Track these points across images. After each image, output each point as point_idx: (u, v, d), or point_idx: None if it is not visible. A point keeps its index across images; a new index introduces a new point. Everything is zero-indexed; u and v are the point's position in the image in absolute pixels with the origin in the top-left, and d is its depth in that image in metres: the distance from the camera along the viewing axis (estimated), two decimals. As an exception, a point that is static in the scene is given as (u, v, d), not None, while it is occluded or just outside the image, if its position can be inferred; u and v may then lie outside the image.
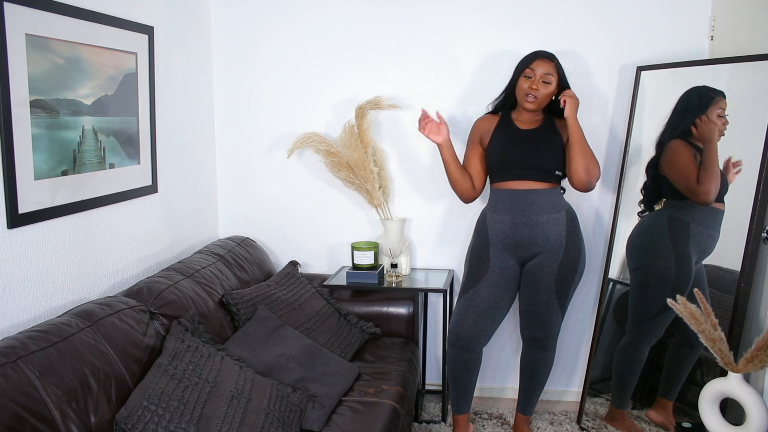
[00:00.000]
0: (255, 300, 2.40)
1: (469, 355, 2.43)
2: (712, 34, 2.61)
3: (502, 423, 2.76)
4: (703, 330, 1.91)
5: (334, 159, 2.79)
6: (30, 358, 1.50)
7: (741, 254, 2.17)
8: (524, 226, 2.35)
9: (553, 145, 2.37)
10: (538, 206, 2.34)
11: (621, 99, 2.73)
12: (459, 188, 2.50)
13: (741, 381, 1.90)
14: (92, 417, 1.58)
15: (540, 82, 2.33)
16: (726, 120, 2.30)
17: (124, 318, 1.85)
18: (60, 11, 1.84)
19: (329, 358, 2.29)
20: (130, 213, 2.30)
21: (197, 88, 2.82)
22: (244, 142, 3.00)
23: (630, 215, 2.61)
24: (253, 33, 2.91)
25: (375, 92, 2.82)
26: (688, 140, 2.37)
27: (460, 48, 2.79)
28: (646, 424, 2.55)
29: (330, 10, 2.85)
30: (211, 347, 1.97)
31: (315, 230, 3.02)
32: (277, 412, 1.84)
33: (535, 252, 2.38)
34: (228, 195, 3.05)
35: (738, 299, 2.17)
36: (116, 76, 2.16)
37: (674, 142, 2.42)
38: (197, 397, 1.74)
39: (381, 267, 2.78)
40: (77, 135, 1.97)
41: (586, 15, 2.70)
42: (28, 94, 1.73)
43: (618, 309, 2.66)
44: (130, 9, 2.23)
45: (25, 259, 1.78)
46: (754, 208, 2.16)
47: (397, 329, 2.72)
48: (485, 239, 2.43)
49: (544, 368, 2.51)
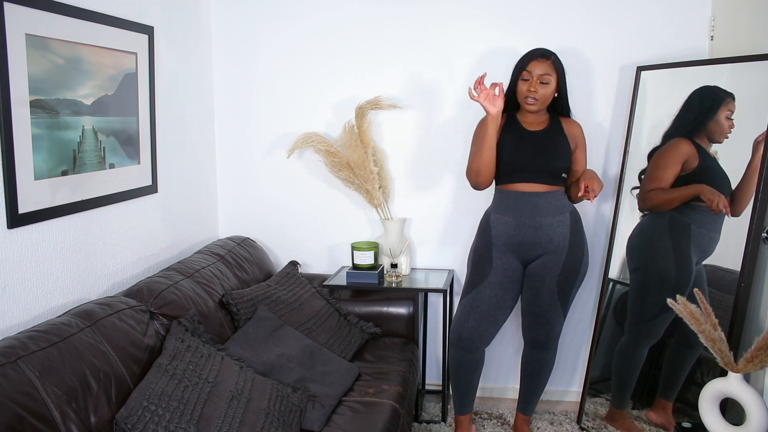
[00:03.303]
0: (255, 300, 2.40)
1: (471, 356, 2.43)
2: (712, 34, 2.61)
3: (502, 423, 2.76)
4: (703, 330, 1.91)
5: (334, 159, 2.79)
6: (30, 358, 1.50)
7: (741, 254, 2.17)
8: (528, 228, 2.34)
9: (560, 148, 2.36)
10: (543, 209, 2.33)
11: (621, 99, 2.73)
12: (485, 171, 2.33)
13: (741, 381, 1.90)
14: (92, 417, 1.58)
15: (538, 83, 2.31)
16: (732, 123, 2.30)
17: (124, 318, 1.85)
18: (60, 11, 1.84)
19: (329, 358, 2.29)
20: (130, 213, 2.30)
21: (197, 88, 2.82)
22: (244, 142, 3.00)
23: (630, 215, 2.61)
24: (253, 33, 2.91)
25: (375, 92, 2.82)
26: (693, 140, 2.36)
27: (460, 48, 2.79)
28: (646, 424, 2.55)
29: (330, 10, 2.85)
30: (211, 347, 1.97)
31: (315, 230, 3.01)
32: (277, 412, 1.84)
33: (538, 253, 2.38)
34: (228, 195, 3.05)
35: (738, 299, 2.17)
36: (116, 76, 2.16)
37: (675, 140, 2.42)
38: (197, 397, 1.74)
39: (381, 267, 2.78)
40: (77, 135, 1.97)
41: (586, 15, 2.70)
42: (28, 94, 1.73)
43: (618, 309, 2.66)
44: (129, 9, 2.23)
45: (25, 259, 1.78)
46: (754, 208, 2.16)
47: (397, 329, 2.72)
48: (488, 240, 2.42)
49: (545, 369, 2.51)
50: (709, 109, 2.35)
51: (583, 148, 2.44)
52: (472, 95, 2.24)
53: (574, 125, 2.43)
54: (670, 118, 2.47)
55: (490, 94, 2.25)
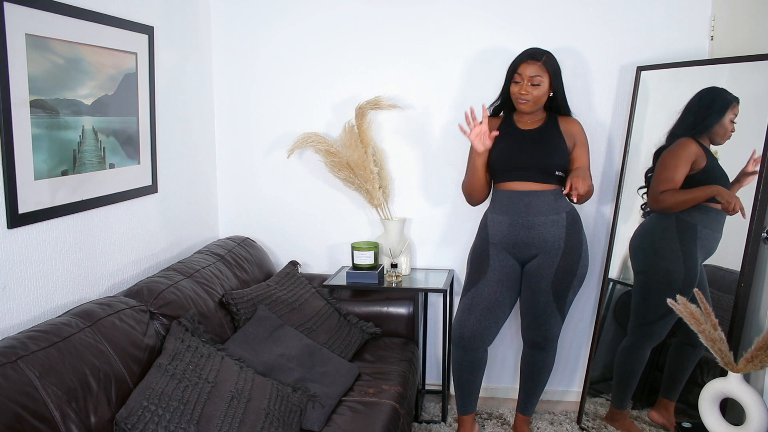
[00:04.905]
0: (255, 300, 2.40)
1: (473, 355, 2.43)
2: (712, 34, 2.61)
3: (503, 423, 2.76)
4: (703, 330, 1.91)
5: (334, 159, 2.79)
6: (30, 358, 1.50)
7: (741, 254, 2.17)
8: (521, 228, 2.34)
9: (554, 145, 2.36)
10: (536, 208, 2.33)
11: (621, 99, 2.73)
12: (477, 196, 2.45)
13: (741, 381, 1.90)
14: (92, 417, 1.58)
15: (528, 85, 2.31)
16: (734, 127, 2.30)
17: (124, 318, 1.85)
18: (60, 11, 1.84)
19: (329, 358, 2.29)
20: (130, 213, 2.30)
21: (197, 88, 2.82)
22: (244, 142, 3.00)
23: (630, 215, 2.61)
24: (253, 33, 2.91)
25: (375, 92, 2.82)
26: (699, 141, 2.36)
27: (460, 47, 2.79)
28: (646, 424, 2.55)
29: (330, 10, 2.85)
30: (211, 347, 1.97)
31: (315, 230, 3.01)
32: (277, 412, 1.84)
33: (533, 253, 2.37)
34: (228, 195, 3.05)
35: (738, 299, 2.17)
36: (116, 76, 2.16)
37: (683, 140, 2.40)
38: (197, 397, 1.74)
39: (381, 267, 2.78)
40: (77, 135, 1.97)
41: (587, 15, 2.70)
42: (28, 94, 1.73)
43: (618, 309, 2.65)
44: (129, 9, 2.23)
45: (25, 259, 1.78)
46: (754, 208, 2.16)
47: (397, 329, 2.72)
48: (485, 239, 2.44)
49: (545, 369, 2.51)
50: (717, 111, 2.34)
51: (582, 146, 2.41)
52: (463, 130, 2.29)
53: (573, 123, 2.42)
54: (671, 118, 2.46)
55: (482, 132, 2.28)
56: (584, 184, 2.20)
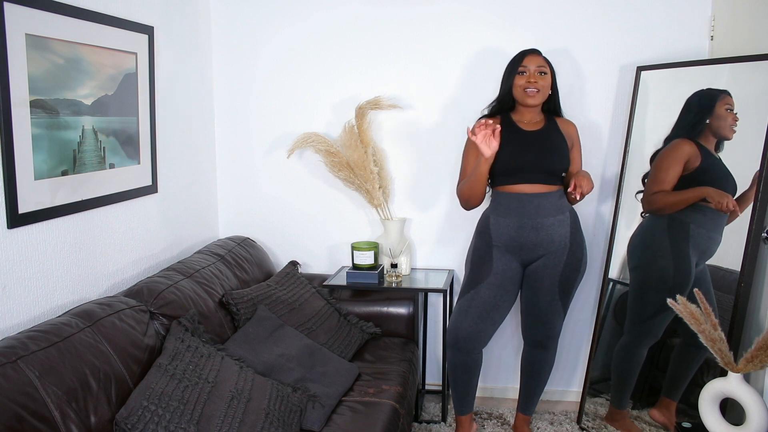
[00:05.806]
0: (255, 300, 2.40)
1: (468, 357, 2.42)
2: (712, 34, 2.61)
3: (502, 423, 2.76)
4: (703, 330, 1.91)
5: (334, 159, 2.79)
6: (30, 358, 1.50)
7: (741, 254, 2.17)
8: (530, 230, 2.33)
9: (559, 147, 2.36)
10: (545, 210, 2.32)
11: (621, 99, 2.73)
12: (476, 200, 2.40)
13: (741, 381, 1.90)
14: (92, 417, 1.58)
15: (536, 74, 2.32)
16: (735, 116, 2.30)
17: (124, 318, 1.85)
18: (60, 11, 1.84)
19: (329, 358, 2.29)
20: (130, 213, 2.30)
21: (197, 88, 2.82)
22: (244, 142, 3.00)
23: (629, 215, 2.61)
24: (253, 32, 2.91)
25: (375, 92, 2.82)
26: (696, 141, 2.36)
27: (460, 47, 2.79)
28: (646, 424, 2.55)
29: (330, 10, 2.85)
30: (211, 347, 1.97)
31: (315, 230, 3.01)
32: (277, 412, 1.84)
33: (539, 254, 2.37)
34: (228, 195, 3.05)
35: (738, 299, 2.17)
36: (116, 76, 2.16)
37: (676, 141, 2.41)
38: (197, 397, 1.74)
39: (381, 267, 2.78)
40: (77, 135, 1.97)
41: (586, 15, 2.70)
42: (28, 94, 1.73)
43: (618, 309, 2.65)
44: (129, 9, 2.23)
45: (25, 259, 1.78)
46: (754, 208, 2.16)
47: (397, 329, 2.72)
48: (488, 241, 2.41)
49: (545, 368, 2.51)
50: (706, 108, 2.35)
51: (578, 148, 2.45)
52: (470, 135, 2.24)
53: (569, 125, 2.44)
54: (670, 120, 2.47)
55: (487, 135, 2.23)
56: (589, 183, 2.23)
